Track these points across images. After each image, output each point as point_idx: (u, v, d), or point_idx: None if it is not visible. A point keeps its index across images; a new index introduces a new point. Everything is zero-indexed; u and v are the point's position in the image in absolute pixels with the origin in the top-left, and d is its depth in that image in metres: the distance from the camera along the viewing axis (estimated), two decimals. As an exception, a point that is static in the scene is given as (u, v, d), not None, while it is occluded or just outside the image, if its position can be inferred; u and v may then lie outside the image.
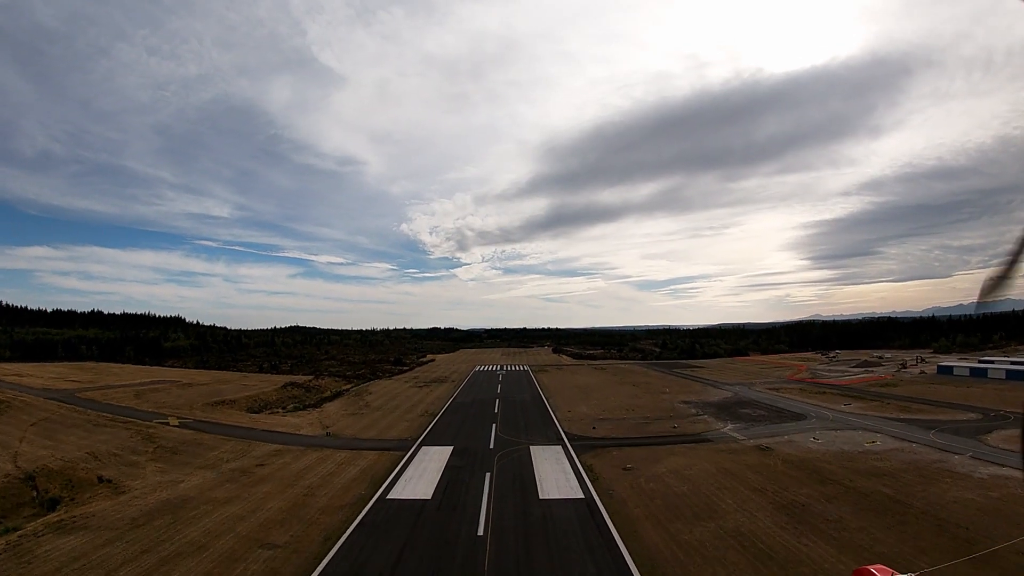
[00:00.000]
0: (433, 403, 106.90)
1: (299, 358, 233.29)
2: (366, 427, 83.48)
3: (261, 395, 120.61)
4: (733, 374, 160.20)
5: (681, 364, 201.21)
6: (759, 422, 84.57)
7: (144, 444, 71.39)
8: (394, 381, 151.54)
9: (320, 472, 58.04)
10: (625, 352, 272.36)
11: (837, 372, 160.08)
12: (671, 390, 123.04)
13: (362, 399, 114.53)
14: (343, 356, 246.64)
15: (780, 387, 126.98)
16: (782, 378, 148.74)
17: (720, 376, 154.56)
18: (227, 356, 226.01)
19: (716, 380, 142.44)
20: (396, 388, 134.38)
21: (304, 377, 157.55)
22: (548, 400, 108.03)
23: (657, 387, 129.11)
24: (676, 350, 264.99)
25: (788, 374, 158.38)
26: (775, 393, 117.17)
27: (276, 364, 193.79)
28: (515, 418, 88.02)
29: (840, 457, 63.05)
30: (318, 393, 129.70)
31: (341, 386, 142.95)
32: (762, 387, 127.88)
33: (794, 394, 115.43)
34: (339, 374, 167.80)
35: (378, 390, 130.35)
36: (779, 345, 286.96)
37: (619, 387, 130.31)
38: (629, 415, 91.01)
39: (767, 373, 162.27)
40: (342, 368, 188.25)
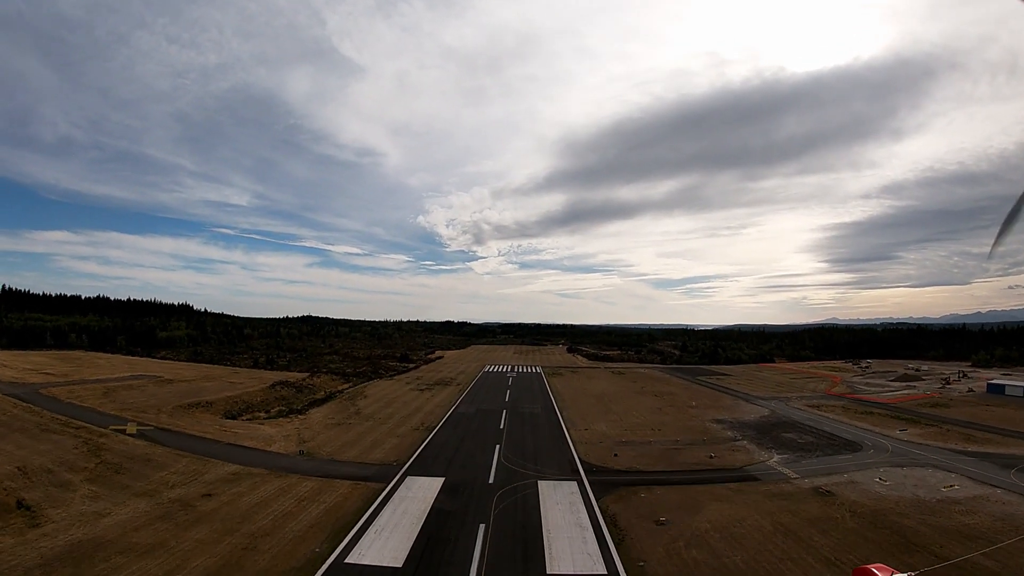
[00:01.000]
0: (432, 412, 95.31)
1: (301, 352, 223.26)
2: (349, 443, 71.98)
3: (245, 396, 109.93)
4: (763, 385, 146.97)
5: (704, 370, 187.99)
6: (809, 452, 71.87)
7: (87, 458, 60.71)
8: (395, 382, 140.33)
9: (275, 511, 46.56)
10: (643, 354, 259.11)
11: (876, 386, 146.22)
12: (699, 403, 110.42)
13: (354, 404, 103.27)
14: (348, 350, 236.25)
15: (820, 404, 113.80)
16: (818, 392, 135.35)
17: (749, 387, 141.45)
18: (225, 348, 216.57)
19: (747, 392, 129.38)
20: (395, 391, 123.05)
21: (299, 375, 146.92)
22: (562, 413, 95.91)
23: (682, 399, 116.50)
24: (697, 353, 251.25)
25: (824, 387, 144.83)
26: (817, 412, 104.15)
27: (273, 358, 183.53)
28: (523, 438, 76.00)
29: (918, 508, 50.66)
30: (310, 394, 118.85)
31: (337, 386, 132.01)
32: (800, 403, 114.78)
33: (838, 413, 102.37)
34: (338, 371, 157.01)
35: (375, 393, 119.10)
36: (804, 351, 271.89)
37: (640, 398, 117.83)
38: (655, 437, 78.65)
39: (800, 385, 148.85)
40: (343, 365, 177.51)
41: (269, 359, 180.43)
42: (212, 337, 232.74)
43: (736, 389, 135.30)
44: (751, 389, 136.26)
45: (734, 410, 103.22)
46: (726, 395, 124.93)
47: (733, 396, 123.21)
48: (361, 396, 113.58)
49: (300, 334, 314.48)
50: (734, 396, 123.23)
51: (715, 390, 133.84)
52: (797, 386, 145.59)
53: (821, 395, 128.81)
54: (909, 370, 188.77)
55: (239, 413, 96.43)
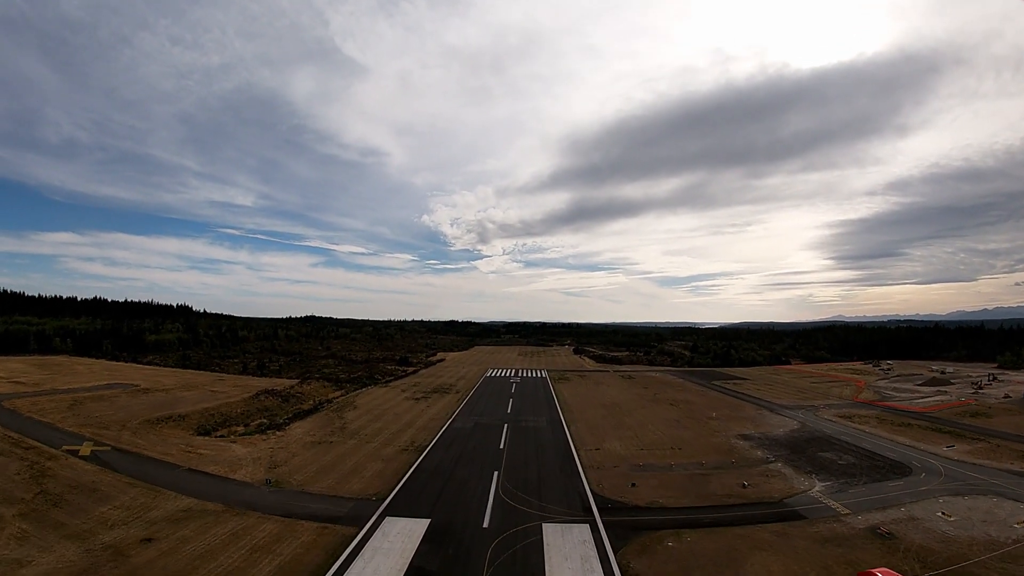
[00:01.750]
0: (425, 428, 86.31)
1: (297, 355, 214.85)
2: (326, 468, 63.04)
3: (224, 407, 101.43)
4: (784, 391, 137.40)
5: (718, 374, 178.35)
6: (854, 477, 62.64)
7: (26, 487, 52.60)
8: (390, 390, 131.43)
9: (218, 568, 37.81)
10: (652, 355, 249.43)
11: (905, 392, 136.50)
12: (719, 414, 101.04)
13: (341, 417, 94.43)
14: (345, 353, 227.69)
15: (851, 414, 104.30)
16: (845, 399, 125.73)
17: (770, 393, 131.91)
18: (217, 352, 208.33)
19: (769, 400, 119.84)
20: (388, 401, 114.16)
21: (288, 382, 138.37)
22: (569, 428, 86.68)
23: (701, 408, 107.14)
24: (708, 355, 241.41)
25: (850, 393, 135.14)
26: (850, 424, 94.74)
27: (265, 363, 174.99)
28: (526, 461, 66.74)
29: (996, 553, 42.38)
30: (296, 404, 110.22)
31: (327, 394, 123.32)
32: (829, 412, 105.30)
33: (874, 426, 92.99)
34: (331, 377, 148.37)
35: (366, 403, 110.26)
36: (819, 352, 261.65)
37: (655, 407, 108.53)
38: (677, 458, 69.40)
39: (823, 391, 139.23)
40: (337, 369, 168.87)
41: (260, 364, 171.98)
42: (205, 340, 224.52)
43: (756, 396, 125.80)
44: (773, 396, 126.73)
45: (759, 423, 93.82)
46: (747, 403, 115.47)
47: (755, 405, 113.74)
48: (350, 407, 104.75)
49: (298, 336, 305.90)
50: (756, 404, 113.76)
51: (734, 397, 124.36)
52: (820, 392, 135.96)
53: (849, 403, 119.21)
54: (934, 372, 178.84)
55: (213, 428, 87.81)
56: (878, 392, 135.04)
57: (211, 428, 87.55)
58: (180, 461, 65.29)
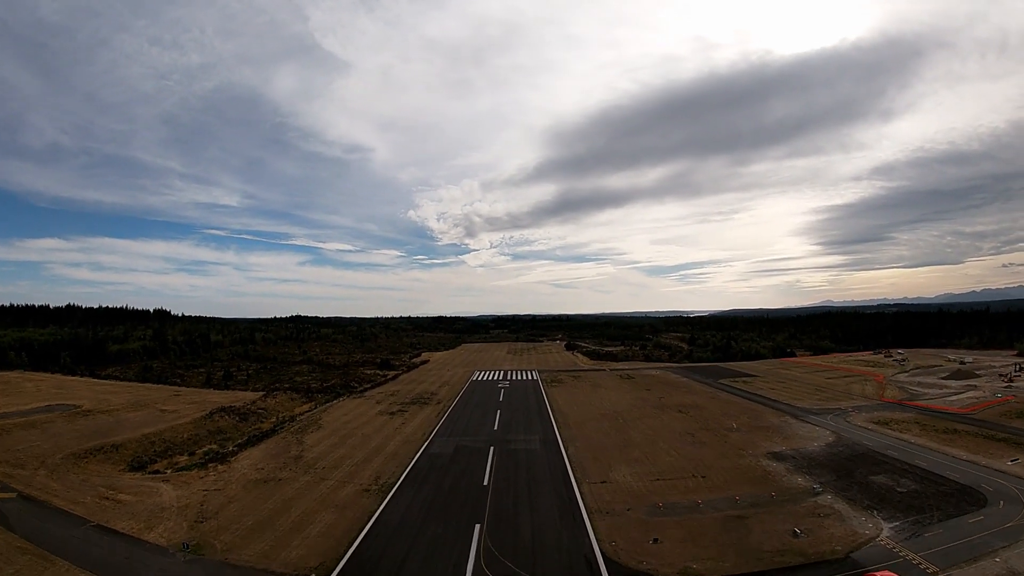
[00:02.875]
0: (396, 455, 72.65)
1: (271, 361, 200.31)
2: (263, 522, 49.39)
3: (170, 430, 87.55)
4: (801, 390, 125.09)
5: (722, 370, 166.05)
6: (923, 512, 49.97)
7: None
8: (364, 401, 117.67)
9: None
10: (649, 350, 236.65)
11: (931, 387, 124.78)
12: (739, 423, 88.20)
13: (301, 442, 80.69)
14: (323, 357, 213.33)
15: (885, 418, 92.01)
16: (870, 397, 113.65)
17: (786, 393, 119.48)
18: (185, 360, 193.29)
19: (788, 403, 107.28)
20: (360, 416, 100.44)
21: (251, 395, 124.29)
22: (567, 449, 73.22)
23: (715, 416, 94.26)
24: (708, 347, 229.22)
25: (872, 389, 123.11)
26: (888, 432, 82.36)
27: (232, 372, 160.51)
28: (516, 505, 52.99)
29: None
30: (255, 423, 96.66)
31: (293, 409, 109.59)
32: (860, 417, 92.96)
33: (916, 433, 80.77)
34: (302, 387, 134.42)
35: (333, 420, 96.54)
36: (823, 341, 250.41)
37: (663, 416, 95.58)
38: (702, 492, 56.29)
39: (842, 388, 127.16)
40: (311, 377, 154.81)
41: (227, 373, 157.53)
42: (173, 348, 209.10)
43: (773, 398, 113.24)
44: (790, 397, 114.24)
45: (787, 434, 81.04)
46: (765, 408, 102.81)
47: (774, 409, 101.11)
48: (314, 426, 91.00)
49: (276, 338, 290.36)
50: (775, 409, 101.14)
51: (748, 400, 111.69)
52: (840, 390, 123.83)
53: (877, 403, 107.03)
54: (952, 362, 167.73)
55: (151, 459, 74.14)
56: (903, 388, 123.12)
57: (148, 460, 73.84)
58: (91, 512, 51.66)
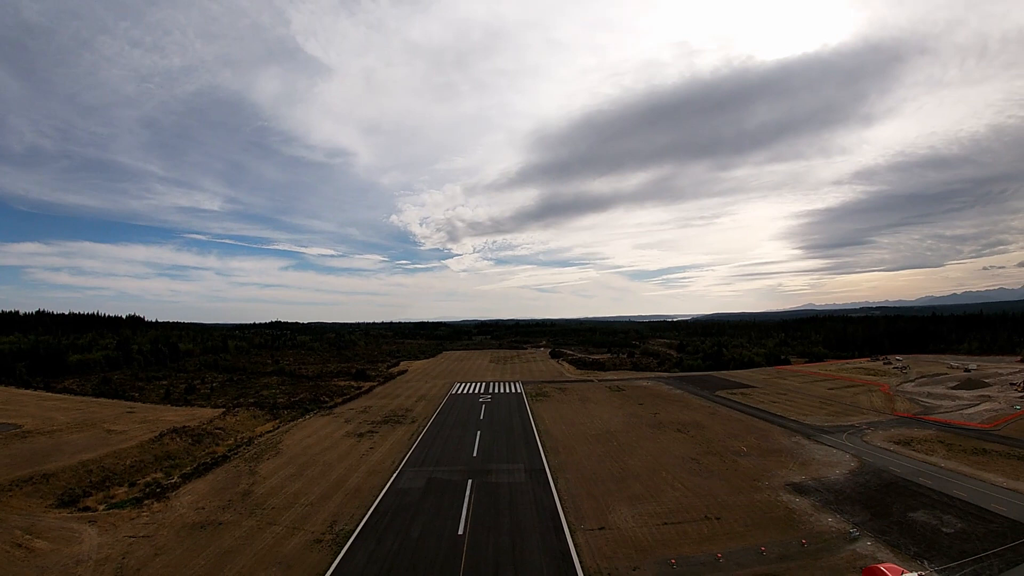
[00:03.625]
0: (360, 489, 62.51)
1: (240, 371, 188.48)
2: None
3: (113, 455, 76.90)
4: (805, 403, 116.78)
5: (717, 380, 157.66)
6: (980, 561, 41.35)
7: None
8: (333, 419, 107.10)
9: None
10: (637, 357, 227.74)
11: (942, 398, 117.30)
12: (747, 445, 79.09)
13: (254, 472, 70.29)
14: (296, 367, 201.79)
15: (904, 436, 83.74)
16: (881, 411, 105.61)
17: (792, 407, 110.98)
18: (149, 371, 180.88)
19: (797, 419, 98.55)
20: (325, 438, 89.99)
21: (211, 412, 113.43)
22: (557, 482, 63.39)
23: (719, 436, 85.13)
24: (698, 355, 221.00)
25: (880, 402, 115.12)
26: (913, 453, 74.00)
27: (195, 385, 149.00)
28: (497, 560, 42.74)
29: None
30: (209, 446, 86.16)
31: (254, 428, 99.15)
32: (877, 435, 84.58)
33: (943, 455, 72.53)
34: (267, 403, 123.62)
35: (295, 444, 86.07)
36: (816, 347, 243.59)
37: (661, 437, 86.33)
38: (720, 539, 46.93)
39: (848, 400, 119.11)
40: (279, 391, 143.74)
41: (190, 387, 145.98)
42: (138, 358, 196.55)
43: (777, 413, 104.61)
44: (796, 411, 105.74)
45: (803, 458, 72.11)
46: (771, 425, 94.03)
47: (782, 427, 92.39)
48: (273, 451, 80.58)
49: (250, 347, 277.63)
50: (783, 427, 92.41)
51: (751, 415, 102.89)
52: (847, 402, 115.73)
53: (890, 417, 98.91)
54: (955, 368, 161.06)
55: (86, 491, 63.74)
56: (913, 400, 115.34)
57: (81, 493, 63.33)
58: (-11, 569, 41.58)
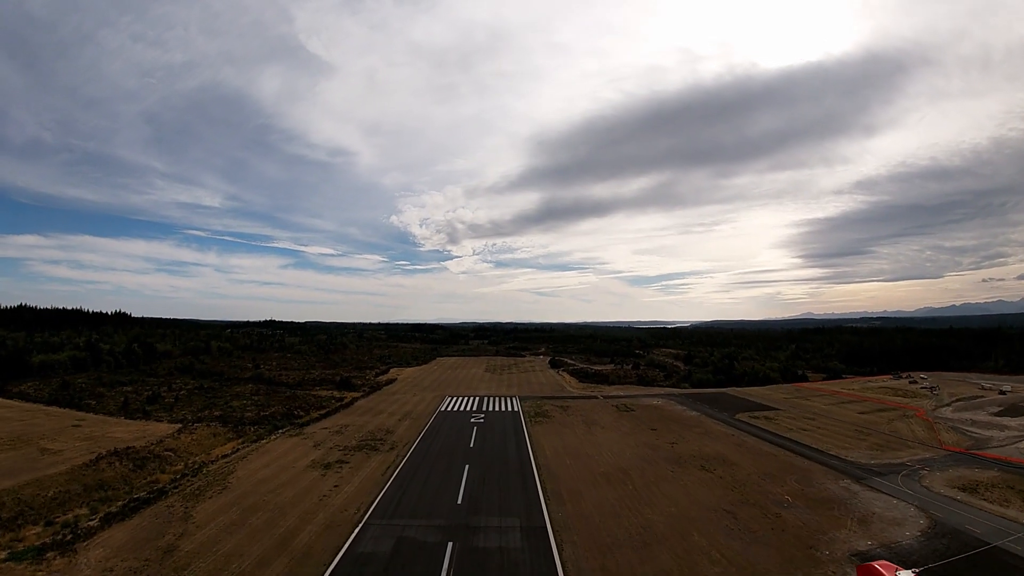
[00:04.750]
0: (310, 551, 49.17)
1: (216, 376, 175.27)
2: None
3: (38, 483, 64.32)
4: (837, 430, 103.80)
5: (735, 400, 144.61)
6: None
7: None
8: (302, 440, 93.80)
9: None
10: (642, 369, 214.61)
11: (988, 426, 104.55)
12: (788, 491, 65.80)
13: (191, 514, 57.13)
14: (277, 373, 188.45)
15: (966, 479, 70.65)
16: (924, 442, 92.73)
17: (824, 436, 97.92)
18: (119, 374, 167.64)
19: (837, 454, 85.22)
20: (286, 468, 76.61)
21: (167, 427, 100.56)
22: (561, 548, 49.85)
23: (752, 477, 71.76)
24: (708, 367, 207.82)
25: (921, 431, 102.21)
26: (985, 503, 60.92)
27: (160, 394, 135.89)
28: None
29: None
30: (154, 472, 73.53)
31: (211, 450, 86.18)
32: (936, 479, 71.55)
33: (1021, 508, 59.64)
34: (233, 417, 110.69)
35: (250, 475, 72.84)
36: (832, 362, 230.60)
37: (684, 478, 73.00)
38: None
39: (884, 427, 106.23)
40: (251, 401, 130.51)
41: (155, 394, 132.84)
42: (107, 359, 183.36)
43: (812, 445, 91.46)
44: (833, 443, 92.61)
45: (859, 511, 58.92)
46: (809, 460, 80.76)
47: (822, 463, 79.20)
48: (219, 486, 67.41)
49: (234, 348, 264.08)
50: (823, 463, 79.22)
51: (782, 447, 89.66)
52: (883, 430, 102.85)
53: (941, 452, 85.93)
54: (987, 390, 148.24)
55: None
56: (958, 430, 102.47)
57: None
58: None
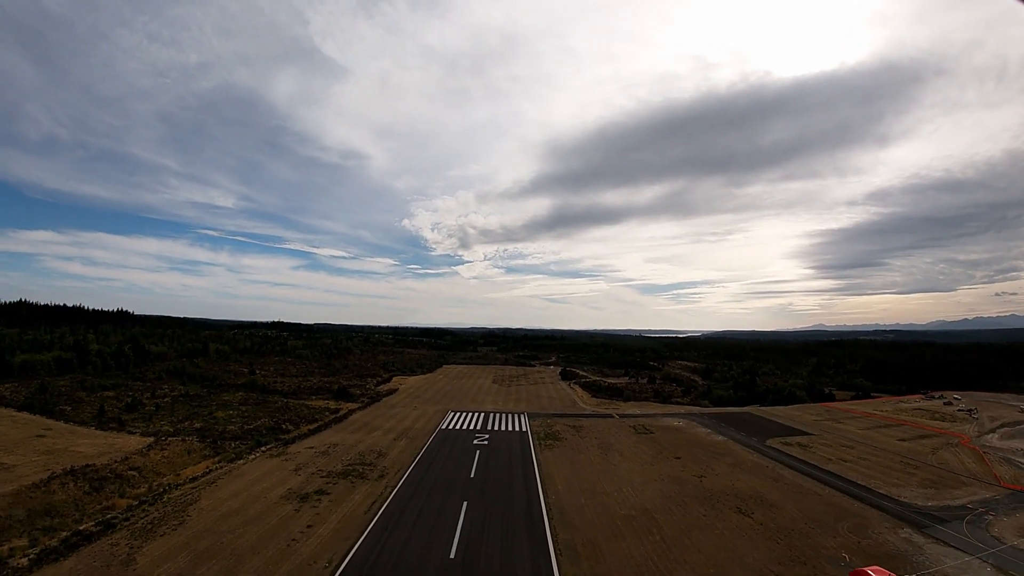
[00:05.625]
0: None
1: (208, 381, 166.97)
2: None
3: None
4: (880, 461, 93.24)
5: (763, 421, 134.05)
6: None
7: None
8: (282, 464, 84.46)
9: None
10: (658, 384, 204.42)
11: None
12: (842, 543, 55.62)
13: (134, 558, 47.92)
14: (272, 380, 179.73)
15: (1051, 532, 60.26)
16: (978, 476, 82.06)
17: (869, 470, 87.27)
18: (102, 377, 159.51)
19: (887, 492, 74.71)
20: (254, 501, 67.13)
21: (138, 441, 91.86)
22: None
23: (797, 523, 61.44)
24: (728, 383, 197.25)
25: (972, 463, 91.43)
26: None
27: (142, 401, 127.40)
28: None
29: None
30: (112, 495, 65.30)
31: (182, 469, 77.21)
32: (1007, 528, 61.05)
33: None
34: (214, 430, 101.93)
35: (212, 508, 63.51)
36: (858, 379, 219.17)
37: (718, 524, 62.83)
38: None
39: (928, 455, 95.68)
40: (238, 412, 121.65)
41: (135, 401, 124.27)
42: (95, 361, 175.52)
43: (857, 481, 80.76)
44: (880, 478, 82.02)
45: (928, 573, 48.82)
46: (859, 502, 70.18)
47: (876, 506, 68.68)
48: (176, 520, 58.17)
49: (233, 351, 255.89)
50: (877, 506, 68.68)
51: (826, 484, 78.81)
52: (930, 460, 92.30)
53: (1001, 491, 75.12)
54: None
55: None
56: (1011, 463, 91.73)
57: None
58: None
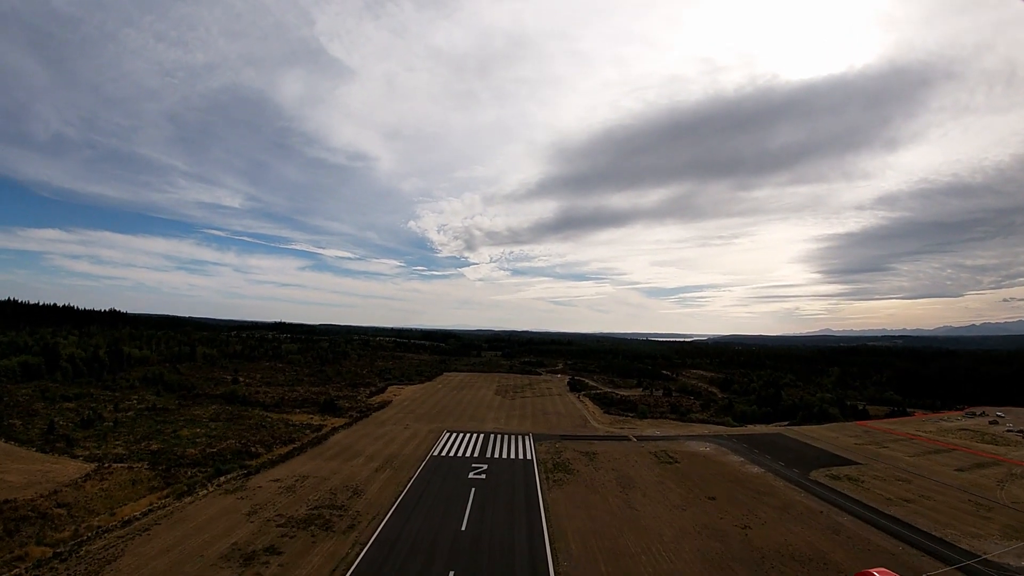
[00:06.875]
0: None
1: (182, 391, 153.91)
2: None
3: None
4: (946, 500, 78.79)
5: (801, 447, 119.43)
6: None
7: None
8: (235, 504, 70.69)
9: None
10: (674, 397, 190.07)
11: None
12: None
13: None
14: (255, 389, 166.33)
15: None
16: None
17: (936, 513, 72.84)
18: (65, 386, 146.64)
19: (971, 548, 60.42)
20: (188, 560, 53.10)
21: (77, 468, 78.69)
22: None
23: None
24: (751, 396, 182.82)
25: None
26: None
27: (100, 415, 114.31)
28: None
29: None
30: (23, 544, 51.77)
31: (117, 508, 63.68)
32: None
33: None
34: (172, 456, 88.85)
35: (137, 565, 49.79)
36: (888, 392, 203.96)
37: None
38: None
39: (994, 489, 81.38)
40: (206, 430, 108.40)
41: (92, 416, 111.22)
42: (65, 366, 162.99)
43: (926, 529, 66.50)
44: (951, 525, 67.72)
45: None
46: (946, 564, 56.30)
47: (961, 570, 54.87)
48: None
49: (221, 355, 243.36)
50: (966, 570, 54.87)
51: (891, 535, 64.34)
52: (996, 497, 77.80)
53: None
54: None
55: None
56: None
57: None
58: None
